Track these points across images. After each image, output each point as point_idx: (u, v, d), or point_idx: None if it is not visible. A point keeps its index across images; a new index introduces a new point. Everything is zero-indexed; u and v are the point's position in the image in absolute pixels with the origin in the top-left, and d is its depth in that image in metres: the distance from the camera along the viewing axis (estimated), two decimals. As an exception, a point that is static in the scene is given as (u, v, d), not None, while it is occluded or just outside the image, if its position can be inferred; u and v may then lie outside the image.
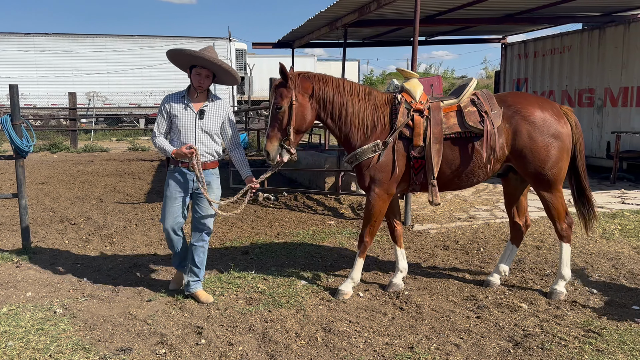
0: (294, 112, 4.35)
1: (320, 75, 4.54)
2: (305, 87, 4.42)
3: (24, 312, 4.29)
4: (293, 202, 8.77)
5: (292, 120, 4.35)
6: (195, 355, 3.62)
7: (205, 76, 4.41)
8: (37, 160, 14.95)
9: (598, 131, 11.23)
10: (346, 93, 4.49)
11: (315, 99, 4.46)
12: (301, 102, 4.39)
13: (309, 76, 4.49)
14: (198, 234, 4.56)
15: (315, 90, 4.44)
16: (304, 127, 4.46)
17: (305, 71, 4.59)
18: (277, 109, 4.35)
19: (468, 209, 8.01)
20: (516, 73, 13.48)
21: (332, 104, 4.47)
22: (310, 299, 4.56)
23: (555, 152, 4.39)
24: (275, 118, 4.37)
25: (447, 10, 9.67)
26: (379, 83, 44.22)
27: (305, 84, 4.43)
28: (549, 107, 4.52)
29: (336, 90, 4.48)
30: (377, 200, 4.50)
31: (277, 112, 4.35)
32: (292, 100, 4.34)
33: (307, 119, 4.45)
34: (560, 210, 4.53)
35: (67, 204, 8.82)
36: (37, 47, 23.59)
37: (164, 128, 4.52)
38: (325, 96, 4.45)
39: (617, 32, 10.66)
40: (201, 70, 4.39)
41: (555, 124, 4.42)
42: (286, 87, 4.36)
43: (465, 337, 3.84)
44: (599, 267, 5.35)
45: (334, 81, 4.53)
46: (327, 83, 4.48)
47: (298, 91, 4.38)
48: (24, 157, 5.99)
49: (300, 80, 4.41)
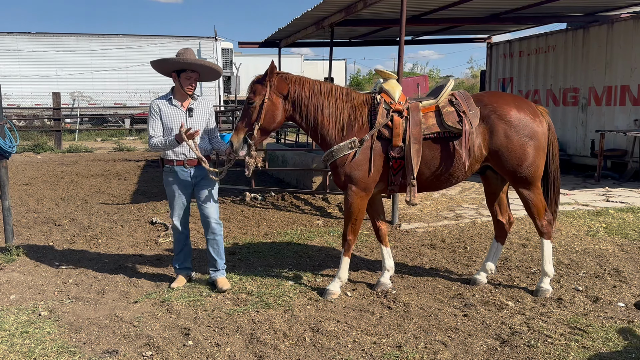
0: (264, 110, 4.42)
1: (298, 78, 4.59)
2: (281, 88, 4.48)
3: (8, 315, 4.23)
4: (281, 202, 8.75)
5: (261, 118, 4.43)
6: (182, 357, 3.59)
7: (195, 79, 4.67)
8: (20, 161, 14.76)
9: (582, 130, 11.36)
10: (322, 95, 4.53)
11: (289, 101, 4.51)
12: (273, 102, 4.46)
13: (286, 77, 4.54)
14: (208, 228, 4.79)
15: (291, 92, 4.49)
16: (271, 126, 4.53)
17: (284, 72, 4.63)
18: (249, 104, 4.46)
19: (455, 208, 8.05)
20: (501, 72, 13.58)
21: (307, 105, 4.51)
22: (298, 299, 4.55)
23: (531, 151, 4.43)
24: (246, 112, 4.48)
25: (433, 10, 9.70)
26: (366, 82, 44.31)
27: (281, 84, 4.48)
28: (525, 106, 4.56)
29: (312, 92, 4.51)
30: (355, 198, 4.51)
31: (248, 106, 4.46)
32: (264, 98, 4.41)
33: (276, 119, 4.50)
34: (540, 207, 4.58)
35: (52, 205, 8.72)
36: (20, 46, 23.29)
37: (159, 128, 4.67)
38: (301, 98, 4.50)
39: (600, 31, 10.79)
40: (191, 74, 4.63)
41: (531, 122, 4.46)
42: (262, 84, 4.44)
43: (453, 336, 3.85)
44: (584, 264, 5.41)
45: (311, 83, 4.57)
46: (303, 85, 4.53)
47: (273, 90, 4.45)
48: (7, 158, 5.90)
49: (276, 81, 4.48)
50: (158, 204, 8.61)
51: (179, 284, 4.86)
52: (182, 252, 4.92)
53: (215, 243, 4.80)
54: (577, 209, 7.75)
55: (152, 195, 9.45)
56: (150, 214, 7.90)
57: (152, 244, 6.38)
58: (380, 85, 4.70)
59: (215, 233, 4.79)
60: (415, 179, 4.41)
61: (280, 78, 4.50)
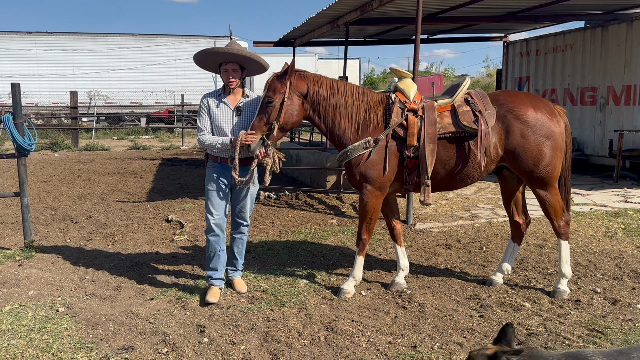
0: (284, 109, 4.34)
1: (316, 76, 4.53)
2: (300, 87, 4.42)
3: (27, 311, 4.28)
4: (294, 201, 8.75)
5: (281, 117, 4.34)
6: (197, 354, 3.61)
7: (233, 70, 4.40)
8: (38, 159, 14.95)
9: (600, 130, 11.20)
10: (340, 94, 4.47)
11: (308, 101, 4.45)
12: (293, 101, 4.39)
13: (304, 76, 4.48)
14: (236, 226, 4.70)
15: (310, 92, 4.43)
16: (289, 125, 4.46)
17: (301, 69, 4.55)
18: (268, 102, 4.33)
19: (470, 208, 7.99)
20: (518, 71, 13.45)
21: (326, 106, 4.45)
22: (313, 298, 4.55)
23: (548, 151, 4.37)
24: (264, 110, 4.34)
25: (449, 8, 9.63)
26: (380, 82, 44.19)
27: (300, 83, 4.42)
28: (542, 105, 4.50)
29: (330, 92, 4.46)
30: (370, 197, 4.48)
31: (267, 105, 4.33)
32: (284, 97, 4.33)
33: (295, 119, 4.45)
34: (557, 207, 4.52)
35: (69, 202, 8.82)
36: (38, 46, 23.60)
37: (208, 125, 4.50)
38: (320, 98, 4.44)
39: (619, 30, 10.63)
40: (228, 65, 4.39)
41: (548, 122, 4.40)
42: (281, 82, 4.35)
43: (469, 336, 3.82)
44: (602, 265, 5.34)
45: (328, 82, 4.51)
46: (321, 84, 4.47)
47: (292, 89, 4.37)
48: (26, 156, 5.98)
49: (296, 79, 4.41)
50: (174, 202, 8.67)
51: (215, 297, 4.46)
52: (218, 259, 4.58)
53: (240, 242, 4.73)
54: (595, 210, 7.65)
55: (168, 194, 9.52)
56: (165, 212, 7.95)
57: (167, 242, 6.42)
58: (395, 84, 4.67)
59: (243, 233, 4.71)
60: (429, 179, 4.38)
61: (300, 76, 4.44)
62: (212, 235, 4.54)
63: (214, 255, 4.58)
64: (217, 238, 4.55)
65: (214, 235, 4.53)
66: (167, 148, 18.41)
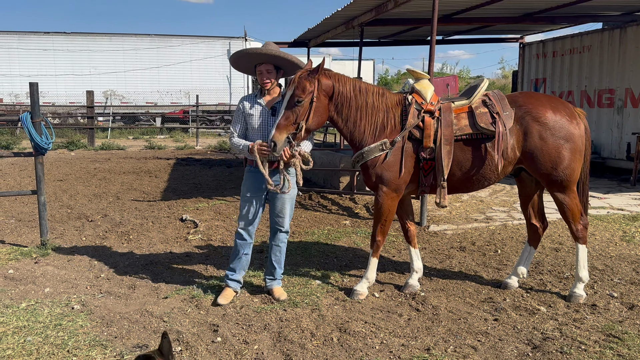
0: (313, 110, 4.25)
1: (340, 76, 4.44)
2: (327, 86, 4.32)
3: (43, 308, 4.33)
4: (308, 202, 8.75)
5: (310, 118, 4.24)
6: (211, 353, 3.63)
7: (267, 71, 4.34)
8: (55, 157, 15.13)
9: (618, 132, 11.06)
10: (362, 95, 4.41)
11: (333, 102, 4.38)
12: (322, 102, 4.32)
13: (330, 75, 4.38)
14: (274, 233, 4.59)
15: (335, 93, 4.35)
16: (314, 126, 4.34)
17: (326, 68, 4.43)
18: (297, 102, 4.18)
19: (485, 210, 7.93)
20: (534, 73, 13.33)
21: (349, 108, 4.38)
22: (326, 299, 4.54)
23: (567, 153, 4.32)
24: (291, 110, 4.19)
25: (464, 9, 9.58)
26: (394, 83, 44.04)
27: (327, 82, 4.32)
28: (562, 107, 4.44)
29: (354, 93, 4.39)
30: (386, 199, 4.46)
31: (296, 104, 4.19)
32: (313, 97, 4.24)
33: (323, 119, 4.38)
34: (575, 211, 4.46)
35: (85, 201, 8.91)
36: (56, 46, 23.90)
37: (240, 128, 4.48)
38: (344, 99, 4.37)
39: (638, 31, 10.48)
40: (262, 66, 4.34)
41: (567, 124, 4.34)
42: (310, 81, 4.23)
43: (483, 340, 3.79)
44: (619, 270, 5.26)
45: (352, 83, 4.43)
46: (345, 84, 4.39)
47: (321, 89, 4.29)
48: (43, 155, 6.05)
49: (323, 78, 4.31)
50: (188, 202, 8.71)
51: (226, 299, 4.44)
52: (239, 262, 4.54)
53: (278, 250, 4.60)
54: (612, 214, 7.55)
55: (182, 193, 9.57)
56: (180, 211, 8.00)
57: (182, 241, 6.46)
58: (411, 85, 4.64)
59: (281, 240, 4.59)
60: (445, 181, 4.34)
61: (326, 76, 4.33)
62: (239, 239, 4.56)
63: (236, 256, 4.57)
64: (243, 242, 4.55)
65: (241, 239, 4.55)
66: (181, 148, 18.54)
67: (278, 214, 4.52)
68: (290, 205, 4.54)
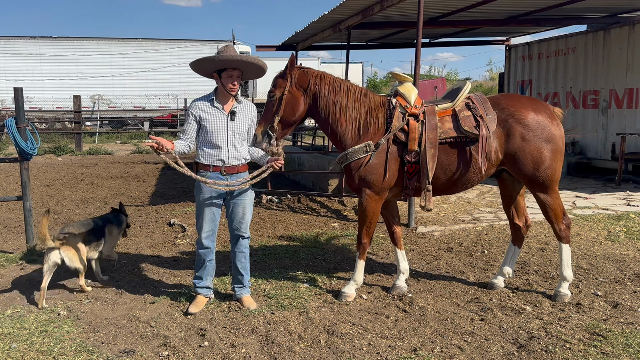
0: (284, 102, 4.42)
1: (319, 72, 4.58)
2: (301, 81, 4.48)
3: (28, 314, 4.30)
4: (296, 204, 8.76)
5: (280, 110, 4.42)
6: (198, 357, 3.62)
7: (237, 76, 4.35)
8: (42, 162, 15.01)
9: (603, 133, 11.18)
10: (342, 92, 4.51)
11: (309, 95, 4.50)
12: (293, 94, 4.46)
13: (307, 71, 4.55)
14: (236, 240, 4.50)
15: (311, 86, 4.49)
16: (291, 119, 4.49)
17: (306, 67, 4.64)
18: (270, 97, 4.48)
19: (472, 211, 7.98)
20: (520, 75, 13.44)
21: (326, 100, 4.49)
22: (314, 302, 4.55)
23: (548, 154, 4.38)
24: (268, 105, 4.49)
25: (450, 12, 9.64)
26: (383, 85, 44.20)
27: (302, 78, 4.49)
28: (543, 108, 4.50)
29: (332, 88, 4.51)
30: (369, 202, 4.49)
31: (270, 100, 4.48)
32: (284, 91, 4.42)
33: (296, 112, 4.49)
34: (558, 211, 4.51)
35: (72, 206, 8.84)
36: (42, 50, 23.72)
37: (189, 133, 4.40)
38: (320, 93, 4.49)
39: (622, 33, 10.62)
40: (232, 71, 4.31)
41: (548, 125, 4.41)
42: (283, 78, 4.46)
43: (469, 340, 3.82)
44: (604, 269, 5.32)
45: (331, 79, 4.56)
46: (324, 80, 4.53)
47: (293, 84, 4.46)
48: (28, 160, 6.02)
49: (297, 74, 4.49)
50: (176, 206, 8.69)
51: (197, 307, 4.37)
52: (205, 270, 4.48)
53: (243, 257, 4.50)
54: (597, 213, 7.63)
55: (170, 198, 9.54)
56: (168, 215, 7.97)
57: (169, 245, 6.44)
58: (396, 88, 4.68)
59: (245, 247, 4.51)
60: (430, 184, 4.38)
61: (302, 72, 4.53)
62: (201, 248, 4.45)
63: (201, 265, 4.48)
64: (206, 250, 4.46)
65: (203, 248, 4.45)
66: (170, 152, 18.43)
67: (240, 220, 4.44)
68: (250, 211, 4.49)
